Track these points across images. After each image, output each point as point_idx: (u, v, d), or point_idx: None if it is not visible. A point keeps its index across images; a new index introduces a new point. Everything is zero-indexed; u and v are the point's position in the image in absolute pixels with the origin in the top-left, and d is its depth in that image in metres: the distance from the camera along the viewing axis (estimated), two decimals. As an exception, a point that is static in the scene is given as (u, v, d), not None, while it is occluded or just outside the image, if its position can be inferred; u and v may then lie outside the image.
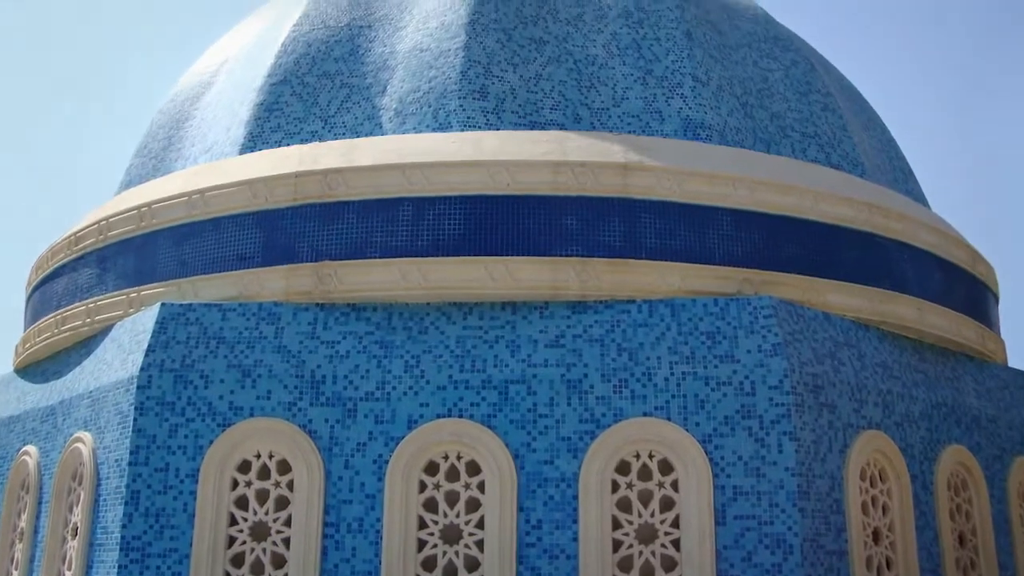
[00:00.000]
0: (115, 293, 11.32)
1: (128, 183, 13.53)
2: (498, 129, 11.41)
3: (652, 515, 9.52)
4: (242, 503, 9.77)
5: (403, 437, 9.67)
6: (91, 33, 41.16)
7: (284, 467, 9.78)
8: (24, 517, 11.15)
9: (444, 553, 9.55)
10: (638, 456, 9.61)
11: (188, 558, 9.49)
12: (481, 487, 9.62)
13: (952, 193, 35.67)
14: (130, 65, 41.32)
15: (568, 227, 10.34)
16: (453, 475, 9.71)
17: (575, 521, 9.43)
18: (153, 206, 11.34)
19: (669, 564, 9.44)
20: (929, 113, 38.56)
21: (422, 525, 9.61)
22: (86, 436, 10.31)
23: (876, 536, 10.21)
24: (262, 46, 13.13)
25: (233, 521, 9.70)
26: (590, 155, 10.70)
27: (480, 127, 11.42)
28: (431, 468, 9.72)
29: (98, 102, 40.23)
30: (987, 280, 13.01)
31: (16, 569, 11.15)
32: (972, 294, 12.55)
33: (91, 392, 10.53)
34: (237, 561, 9.64)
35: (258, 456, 9.79)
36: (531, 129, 11.45)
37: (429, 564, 9.55)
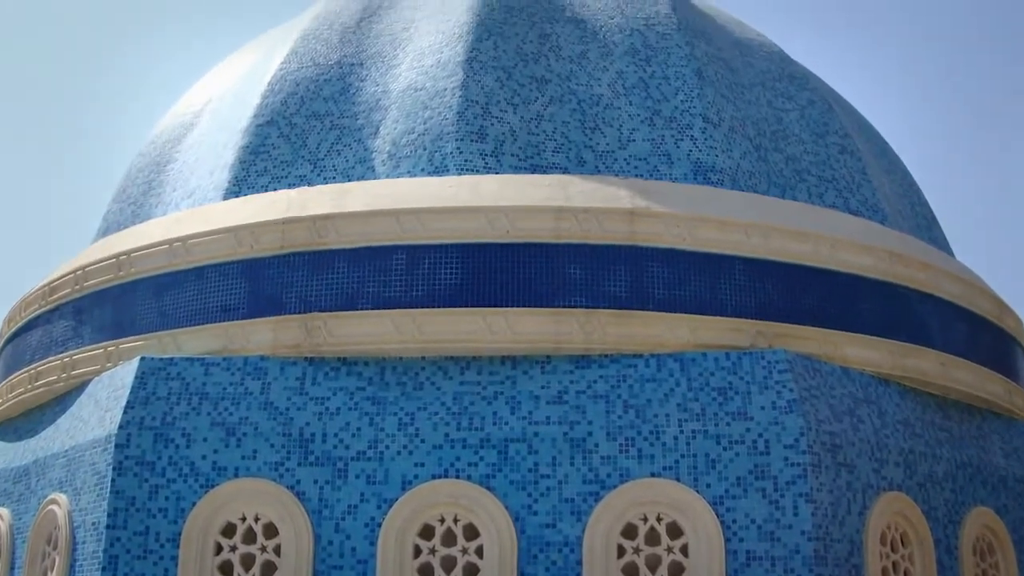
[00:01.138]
0: (92, 347, 11.59)
1: (106, 230, 13.83)
2: (497, 173, 11.70)
3: (660, 582, 9.73)
4: (227, 569, 9.99)
5: (397, 499, 9.90)
6: (67, 70, 41.65)
7: (271, 531, 10.01)
8: (-7, 585, 11.35)
9: (440, 622, 9.77)
10: (645, 519, 9.84)
11: (168, 628, 9.71)
12: (480, 552, 9.84)
13: (978, 241, 36.02)
14: (108, 105, 41.76)
15: (571, 277, 10.60)
16: (450, 539, 9.93)
17: (579, 588, 9.65)
18: (132, 254, 11.62)
19: (679, 634, 9.65)
20: (952, 156, 38.99)
21: (417, 593, 9.83)
22: (61, 498, 10.55)
23: (899, 605, 10.43)
24: (248, 85, 13.46)
25: (216, 588, 9.92)
26: (594, 200, 10.97)
27: (478, 171, 11.70)
28: (426, 532, 9.95)
29: (74, 144, 40.64)
30: (1015, 333, 13.27)
31: (-16, 641, 11.34)
32: (999, 347, 12.80)
33: (66, 451, 10.78)
34: (220, 631, 9.85)
35: (243, 519, 10.02)
36: (532, 173, 11.73)
37: (424, 634, 9.76)
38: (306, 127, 12.52)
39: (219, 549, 10.00)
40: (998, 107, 39.22)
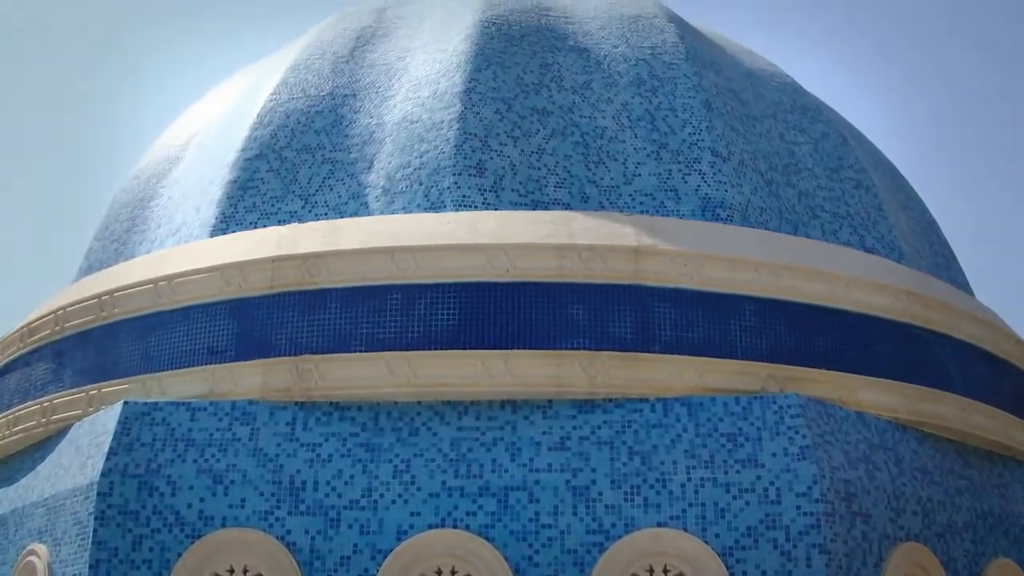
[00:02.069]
0: (73, 390, 11.78)
1: (87, 268, 14.05)
2: (496, 209, 11.90)
3: (667, 637, 9.90)
4: (213, 623, 10.15)
5: (391, 550, 10.06)
6: (47, 104, 41.93)
7: (259, 583, 10.17)
8: (-33, 641, 11.50)
9: None
10: (651, 571, 9.99)
11: None
12: (478, 606, 10.01)
13: (999, 281, 36.26)
14: (90, 138, 42.02)
15: (574, 317, 10.80)
16: (447, 592, 10.10)
17: (582, 644, 9.82)
18: (115, 294, 11.83)
19: None
20: (972, 192, 39.27)
21: (412, 648, 9.99)
22: (40, 549, 10.72)
23: (917, 662, 10.58)
24: (236, 117, 13.69)
25: (202, 644, 10.08)
26: (598, 238, 11.17)
27: (477, 206, 11.90)
28: (422, 584, 10.11)
29: (55, 179, 40.86)
30: (1039, 376, 13.44)
31: None
32: (1022, 392, 12.98)
33: (46, 500, 10.95)
34: None
35: (231, 571, 10.17)
36: (533, 209, 11.94)
37: None
38: (297, 161, 12.73)
39: (205, 602, 10.15)
40: (1022, 142, 39.56)
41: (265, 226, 12.22)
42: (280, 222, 12.25)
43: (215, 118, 14.28)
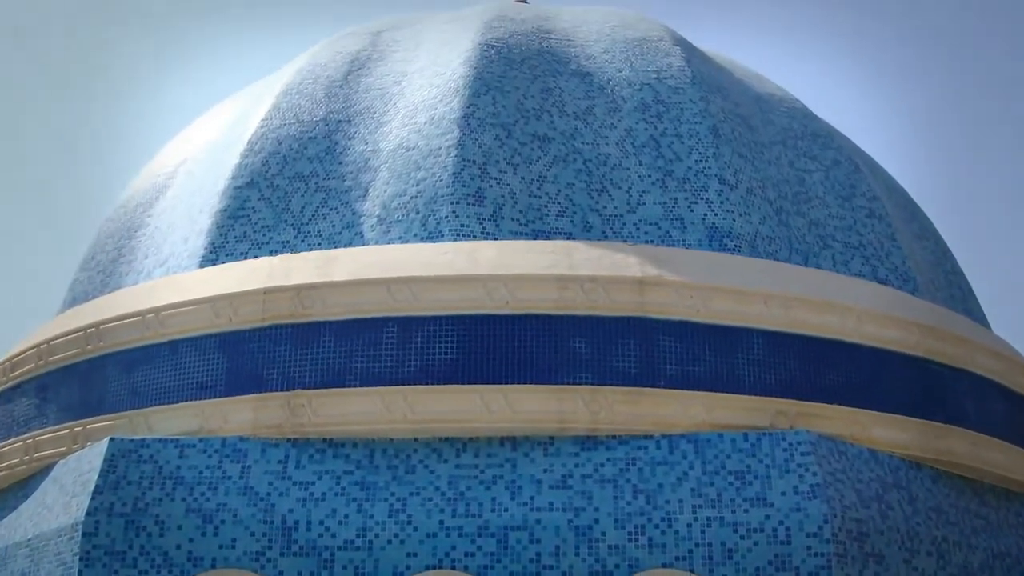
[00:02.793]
0: (57, 427, 11.89)
1: (72, 300, 14.17)
2: (496, 239, 12.04)
3: None
4: (201, 669, 10.24)
5: (387, 592, 10.18)
6: (31, 130, 42.06)
7: (250, 627, 10.28)
8: None
9: None
10: (657, 614, 10.12)
11: None
12: (476, 650, 10.11)
13: (1017, 314, 36.34)
14: (76, 165, 42.15)
15: (576, 351, 10.92)
16: (444, 636, 10.21)
17: None
18: (101, 327, 11.96)
19: None
20: (989, 223, 39.39)
21: None
22: (23, 591, 10.82)
23: None
24: (226, 144, 13.83)
25: None
26: (601, 268, 11.30)
27: (475, 236, 12.04)
28: (419, 628, 10.22)
29: (38, 207, 40.95)
30: (1059, 412, 13.52)
31: None
32: (1040, 428, 13.08)
33: (29, 540, 11.05)
34: None
35: (221, 614, 10.29)
36: (534, 238, 12.08)
37: None
38: (289, 189, 12.85)
39: (194, 647, 10.25)
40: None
41: (256, 256, 12.34)
42: (272, 252, 12.37)
43: (204, 145, 14.39)
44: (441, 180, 12.41)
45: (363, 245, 12.21)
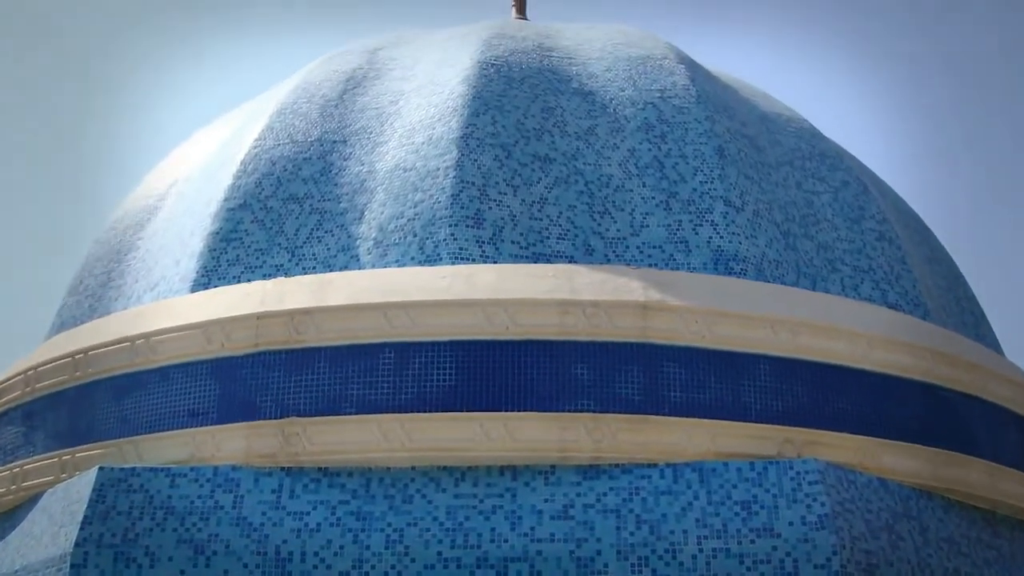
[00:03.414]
0: (44, 456, 11.99)
1: (60, 326, 14.27)
2: (495, 262, 12.13)
3: None
4: None
5: (384, 625, 10.25)
6: (19, 153, 42.16)
7: (243, 661, 10.35)
8: None
9: None
10: (661, 648, 10.20)
11: None
12: None
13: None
14: (64, 188, 42.25)
15: (578, 378, 11.02)
16: (442, 671, 10.28)
17: None
18: (89, 353, 12.06)
19: None
20: (1003, 246, 39.50)
21: None
22: (9, 625, 10.90)
23: None
24: (218, 165, 13.94)
25: None
26: (604, 293, 11.41)
27: (474, 260, 12.13)
28: (416, 662, 10.30)
29: (25, 230, 41.01)
30: (1075, 441, 13.62)
31: None
32: (1056, 457, 13.16)
33: (16, 572, 11.12)
34: None
35: (212, 648, 10.37)
36: (534, 262, 12.18)
37: None
38: (283, 211, 12.96)
39: None
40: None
41: (249, 280, 12.41)
42: (265, 276, 12.45)
43: (196, 166, 14.50)
44: (439, 202, 12.50)
45: (359, 269, 12.29)
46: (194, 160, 14.71)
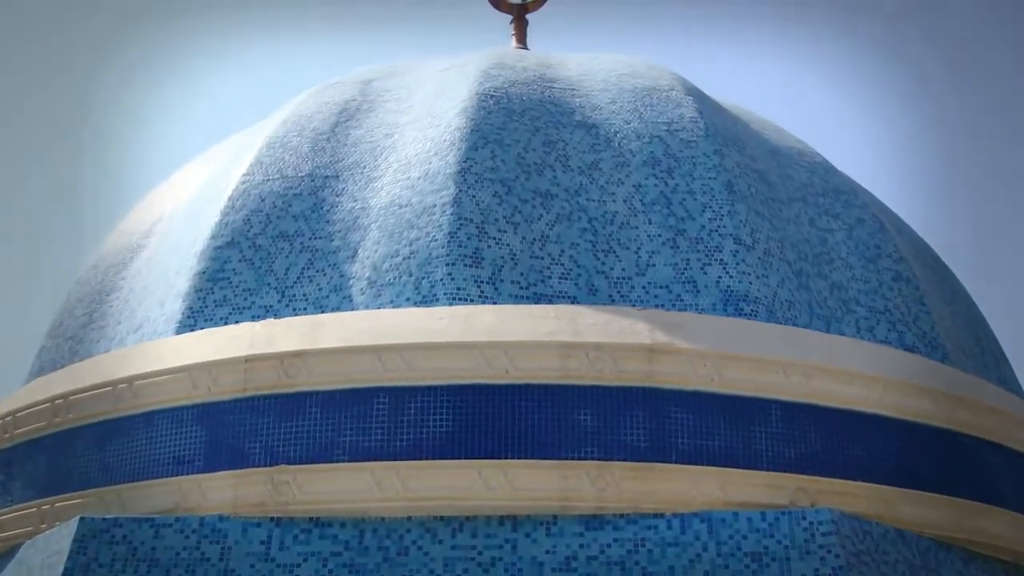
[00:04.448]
0: (22, 506, 12.10)
1: (40, 369, 14.37)
2: (495, 303, 12.21)
3: None
4: None
5: None
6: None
7: None
8: None
9: None
10: None
11: None
12: None
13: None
14: (44, 226, 42.26)
15: (581, 424, 11.11)
16: None
17: None
18: (70, 398, 12.17)
19: None
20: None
21: None
22: None
23: None
24: (204, 201, 14.06)
25: None
26: (608, 335, 11.51)
27: (473, 300, 12.21)
28: None
29: (2, 269, 41.01)
30: (1102, 489, 13.70)
31: None
32: (1081, 507, 13.25)
33: (-8, 627, 11.23)
34: None
35: None
36: (535, 303, 12.27)
37: None
38: (273, 249, 13.06)
39: None
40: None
41: (237, 322, 12.48)
42: (254, 317, 12.53)
43: (181, 202, 14.60)
44: (436, 240, 12.59)
45: (352, 310, 12.37)
46: (179, 196, 14.79)
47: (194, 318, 12.70)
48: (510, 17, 19.20)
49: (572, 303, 12.30)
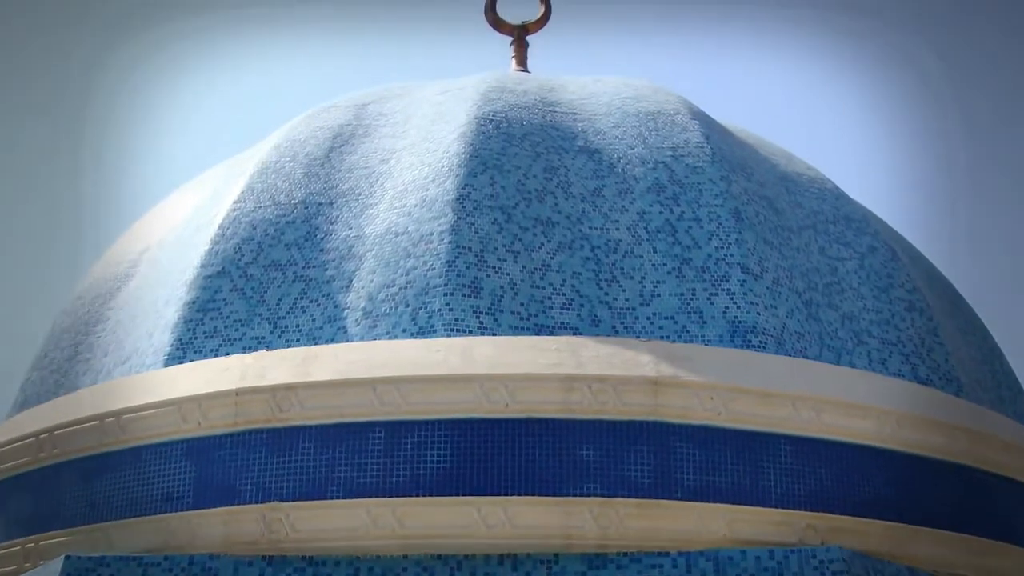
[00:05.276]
0: (6, 544, 12.18)
1: (24, 403, 14.45)
2: (494, 334, 12.30)
3: None
4: None
5: None
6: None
7: None
8: None
9: None
10: None
11: None
12: None
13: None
14: (28, 253, 42.27)
15: (583, 459, 11.19)
16: None
17: None
18: (55, 433, 12.26)
19: None
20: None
21: None
22: None
23: None
24: (194, 229, 14.18)
25: None
26: (611, 367, 11.60)
27: (471, 331, 12.29)
28: None
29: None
30: (1123, 527, 13.77)
31: None
32: (1102, 546, 13.32)
33: (-26, 670, 11.30)
34: None
35: None
36: (536, 334, 12.35)
37: None
38: (264, 279, 13.16)
39: None
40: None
41: (228, 354, 12.56)
42: (245, 349, 12.62)
43: (170, 230, 14.71)
44: (433, 269, 12.66)
45: (346, 341, 12.44)
46: (168, 224, 14.87)
47: (183, 350, 12.78)
48: (510, 39, 19.32)
49: (574, 334, 12.37)
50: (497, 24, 19.35)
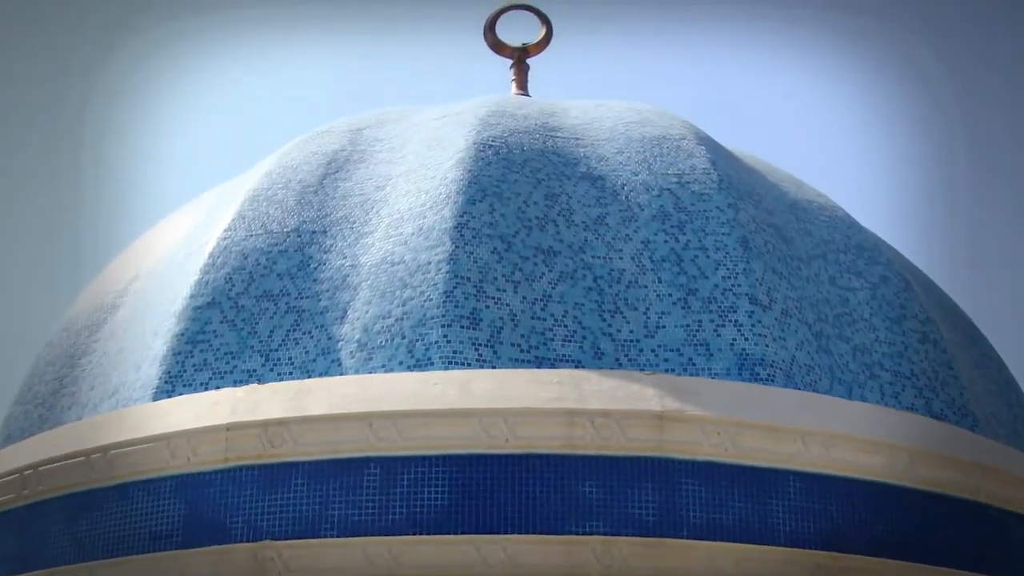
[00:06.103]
0: (-11, 583, 12.22)
1: (7, 438, 14.54)
2: (493, 367, 12.35)
3: None
4: None
5: None
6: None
7: None
8: None
9: None
10: None
11: None
12: None
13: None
14: (12, 282, 42.28)
15: (586, 496, 11.22)
16: None
17: None
18: (39, 469, 12.31)
19: None
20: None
21: None
22: None
23: None
24: (183, 257, 14.25)
25: None
26: (615, 401, 11.63)
27: (470, 364, 12.35)
28: None
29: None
30: None
31: None
32: (1122, 586, 13.37)
33: None
34: None
35: None
36: (537, 367, 12.42)
37: None
38: (256, 310, 13.22)
39: None
40: None
41: (218, 387, 12.63)
42: (236, 382, 12.66)
43: (158, 259, 14.79)
44: (430, 300, 12.69)
45: (341, 374, 12.49)
46: (156, 252, 14.93)
47: (172, 383, 12.84)
48: (510, 61, 19.37)
49: (576, 367, 12.43)
50: (497, 46, 19.38)
